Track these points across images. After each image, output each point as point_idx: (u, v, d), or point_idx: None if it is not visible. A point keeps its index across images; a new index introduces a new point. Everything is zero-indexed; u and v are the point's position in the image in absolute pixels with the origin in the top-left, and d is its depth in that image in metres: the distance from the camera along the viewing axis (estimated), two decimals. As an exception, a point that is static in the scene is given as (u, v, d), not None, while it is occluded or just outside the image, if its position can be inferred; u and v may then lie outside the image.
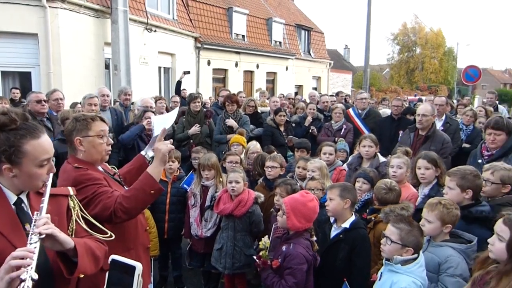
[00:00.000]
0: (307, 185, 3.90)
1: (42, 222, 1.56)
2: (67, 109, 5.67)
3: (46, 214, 1.61)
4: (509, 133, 4.05)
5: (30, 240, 1.50)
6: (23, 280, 1.38)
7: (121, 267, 1.63)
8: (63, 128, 3.69)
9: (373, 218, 3.34)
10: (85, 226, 1.92)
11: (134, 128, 5.41)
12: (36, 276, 1.40)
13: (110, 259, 1.66)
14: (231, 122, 6.38)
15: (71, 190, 1.95)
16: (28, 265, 1.41)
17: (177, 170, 4.60)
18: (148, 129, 5.29)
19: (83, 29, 10.14)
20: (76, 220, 1.88)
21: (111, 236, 1.97)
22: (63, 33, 9.48)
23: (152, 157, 3.03)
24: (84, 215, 1.94)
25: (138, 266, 1.60)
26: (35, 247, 1.48)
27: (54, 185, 1.89)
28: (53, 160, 4.75)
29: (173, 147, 2.57)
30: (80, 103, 5.91)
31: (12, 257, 1.42)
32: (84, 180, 2.30)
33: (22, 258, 1.42)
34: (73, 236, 1.83)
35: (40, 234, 1.51)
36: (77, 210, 1.90)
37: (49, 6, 9.18)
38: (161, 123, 3.26)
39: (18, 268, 1.40)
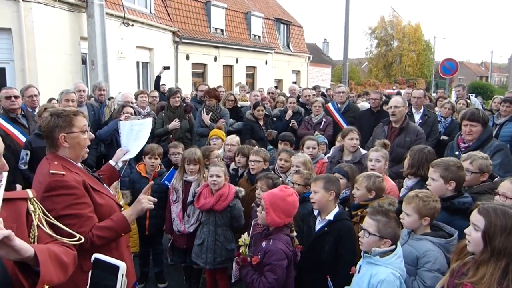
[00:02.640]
0: (292, 178, 3.88)
1: None
2: (46, 103, 5.55)
3: None
4: (485, 125, 4.13)
5: None
6: None
7: (104, 267, 1.57)
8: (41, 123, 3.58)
9: (359, 213, 3.32)
10: (48, 231, 1.75)
11: (112, 123, 5.37)
12: None
13: (92, 258, 1.59)
14: (205, 117, 6.38)
15: (30, 193, 1.76)
16: None
17: (158, 166, 4.56)
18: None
19: (58, 24, 9.88)
20: (37, 225, 1.70)
21: (80, 239, 1.86)
22: (37, 28, 9.22)
23: (121, 168, 3.10)
24: (48, 219, 1.79)
25: (122, 266, 1.54)
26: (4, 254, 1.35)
27: (30, 181, 1.79)
28: (27, 155, 4.63)
29: (152, 206, 2.57)
30: (57, 99, 5.78)
31: None
32: (57, 187, 2.18)
33: None
34: (36, 243, 1.66)
35: None
36: (38, 214, 1.72)
37: (23, 0, 8.91)
38: (131, 134, 3.18)
39: None
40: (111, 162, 3.06)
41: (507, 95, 7.94)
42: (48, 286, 1.52)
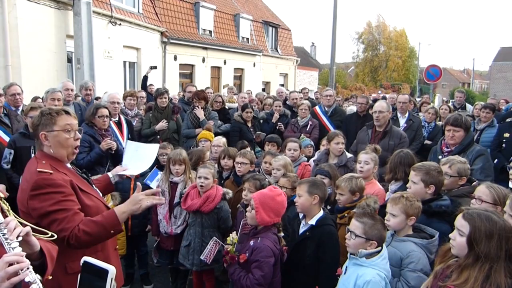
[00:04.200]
0: (279, 181, 3.91)
1: (13, 225, 1.46)
2: (33, 102, 5.46)
3: None
4: (467, 130, 4.24)
5: (9, 245, 1.41)
6: (33, 282, 1.34)
7: (93, 270, 1.55)
8: (29, 122, 3.54)
9: (346, 214, 3.37)
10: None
11: (94, 155, 4.66)
12: (40, 277, 1.36)
13: (82, 261, 1.58)
14: (199, 112, 6.35)
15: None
16: (27, 268, 1.36)
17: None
18: (102, 128, 4.83)
19: (44, 21, 9.73)
20: None
21: (52, 236, 1.84)
22: (21, 24, 9.06)
23: (116, 182, 3.01)
24: (18, 219, 1.77)
25: (111, 270, 1.53)
26: (21, 250, 1.41)
27: (12, 181, 1.78)
28: (10, 154, 4.54)
29: (153, 202, 2.47)
30: (42, 97, 5.70)
31: (5, 262, 1.35)
32: (44, 186, 2.16)
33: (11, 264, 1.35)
34: None
35: (18, 236, 1.43)
36: (12, 213, 1.71)
37: (7, -4, 8.77)
38: (136, 154, 3.12)
39: (15, 274, 1.35)
40: (109, 174, 3.01)
41: (489, 102, 8.13)
42: (50, 277, 1.62)
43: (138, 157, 3.15)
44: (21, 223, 1.73)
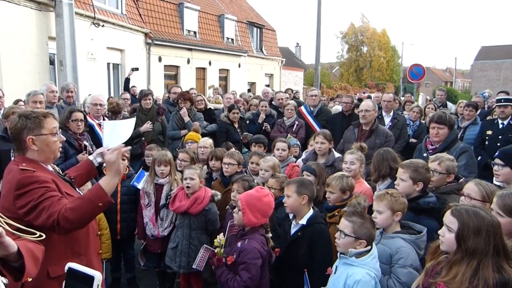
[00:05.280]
0: (268, 182, 3.89)
1: None
2: (12, 105, 5.33)
3: None
4: (451, 127, 4.30)
5: None
6: None
7: (79, 277, 1.49)
8: (8, 126, 3.44)
9: (336, 213, 3.37)
10: (10, 230, 1.73)
11: (69, 165, 4.11)
12: (6, 280, 1.33)
13: (66, 268, 1.53)
14: (184, 113, 6.31)
15: None
16: None
17: (126, 168, 4.47)
18: (77, 132, 4.52)
19: (25, 22, 9.54)
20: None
21: (40, 236, 1.81)
22: (1, 26, 8.87)
23: (100, 164, 2.93)
24: (4, 219, 1.75)
25: (97, 276, 1.47)
26: None
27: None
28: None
29: (125, 149, 2.45)
30: (24, 100, 5.59)
31: None
32: (29, 183, 2.13)
33: None
34: None
35: None
36: None
37: (-14, -3, 8.59)
38: (113, 133, 3.04)
39: None
40: (90, 157, 2.91)
41: (473, 100, 8.25)
42: (30, 279, 1.61)
43: (116, 135, 3.05)
44: (8, 223, 1.71)
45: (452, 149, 4.14)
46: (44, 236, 1.82)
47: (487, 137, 5.89)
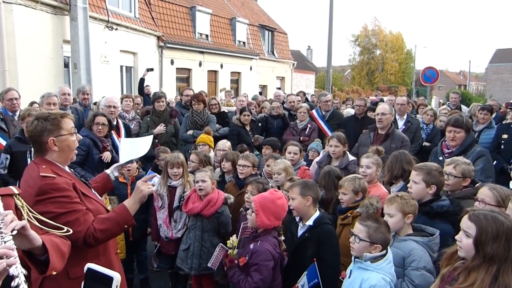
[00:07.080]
0: (284, 185, 3.87)
1: (9, 218, 1.46)
2: (28, 107, 5.41)
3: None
4: (468, 131, 4.23)
5: (2, 239, 1.40)
6: (16, 276, 1.32)
7: (98, 278, 1.52)
8: (25, 127, 3.48)
9: (349, 214, 3.35)
10: (39, 224, 1.79)
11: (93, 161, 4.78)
12: (25, 271, 1.34)
13: (85, 268, 1.55)
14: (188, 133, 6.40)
15: (14, 189, 1.76)
16: (13, 263, 1.34)
17: (136, 170, 4.51)
18: (99, 136, 4.86)
19: (40, 26, 9.71)
20: (28, 220, 1.71)
21: (68, 231, 1.87)
22: (18, 30, 9.04)
23: (116, 177, 3.04)
24: (34, 214, 1.80)
25: (116, 277, 1.50)
26: (12, 244, 1.40)
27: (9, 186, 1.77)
28: (7, 159, 4.54)
29: (154, 190, 2.63)
30: (38, 102, 5.67)
31: None
32: (50, 190, 2.15)
33: (1, 257, 1.34)
34: None
35: (12, 230, 1.42)
36: (26, 209, 1.75)
37: (3, 2, 8.73)
38: (130, 149, 3.14)
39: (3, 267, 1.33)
40: (107, 171, 2.99)
41: (488, 103, 8.14)
42: (54, 272, 1.66)
43: (133, 151, 3.15)
44: (37, 218, 1.79)
45: (469, 153, 4.08)
46: (71, 231, 1.89)
47: (502, 141, 5.80)
